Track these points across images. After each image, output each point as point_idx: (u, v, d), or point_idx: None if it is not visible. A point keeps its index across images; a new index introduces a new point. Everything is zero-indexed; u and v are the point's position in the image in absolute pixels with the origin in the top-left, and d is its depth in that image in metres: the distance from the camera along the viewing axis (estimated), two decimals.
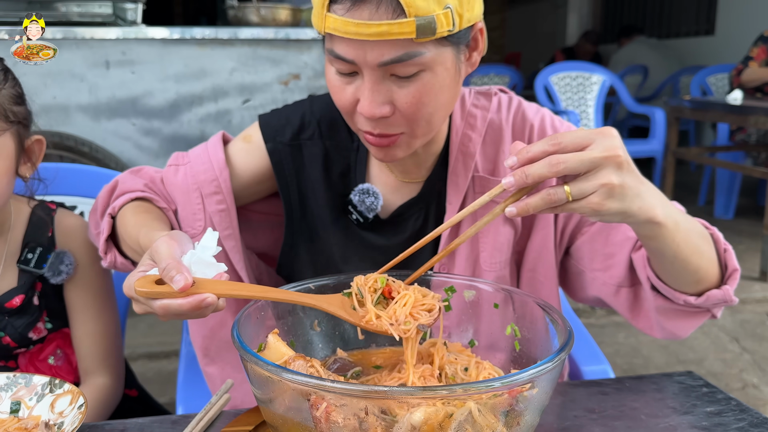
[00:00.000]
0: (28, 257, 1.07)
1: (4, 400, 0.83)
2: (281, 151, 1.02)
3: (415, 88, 0.83)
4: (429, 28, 0.78)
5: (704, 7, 6.59)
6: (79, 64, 2.42)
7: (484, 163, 1.01)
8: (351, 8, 0.78)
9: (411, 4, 0.76)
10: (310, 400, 0.62)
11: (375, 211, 1.00)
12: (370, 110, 0.83)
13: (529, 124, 1.03)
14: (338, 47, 0.82)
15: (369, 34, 0.77)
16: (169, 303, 0.67)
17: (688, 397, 0.92)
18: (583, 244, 1.02)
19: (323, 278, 0.83)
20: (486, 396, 0.61)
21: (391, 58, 0.80)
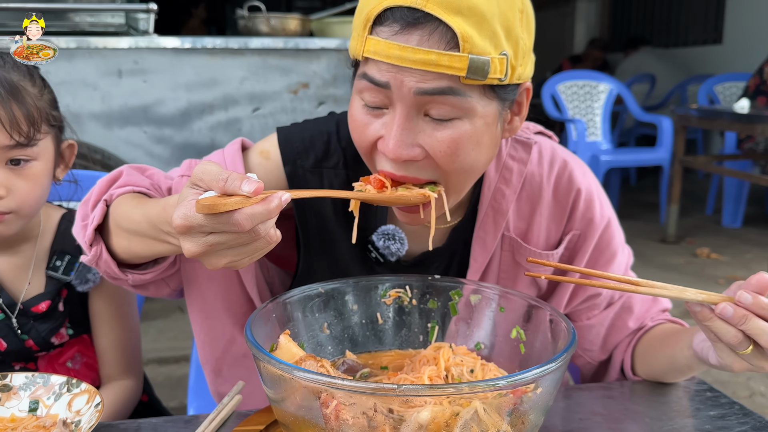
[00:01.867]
0: (57, 264, 1.10)
1: (23, 399, 0.86)
2: (301, 176, 0.94)
3: (449, 135, 0.75)
4: (481, 70, 0.71)
5: (712, 16, 6.60)
6: (92, 73, 2.46)
7: (516, 222, 0.94)
8: (399, 31, 0.71)
9: (467, 39, 0.70)
10: (320, 399, 0.63)
11: (398, 257, 0.94)
12: (396, 149, 0.75)
13: (576, 188, 0.95)
14: (373, 70, 0.74)
15: (414, 60, 0.70)
16: (253, 209, 0.60)
17: (693, 401, 0.93)
18: (590, 327, 1.03)
19: (334, 281, 0.86)
20: (491, 395, 0.62)
21: (431, 87, 0.72)
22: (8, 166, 0.99)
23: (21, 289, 1.09)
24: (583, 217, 0.96)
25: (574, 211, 0.96)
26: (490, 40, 0.71)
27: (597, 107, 4.80)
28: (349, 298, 0.87)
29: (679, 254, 3.89)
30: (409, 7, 0.70)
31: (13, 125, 0.96)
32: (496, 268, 0.96)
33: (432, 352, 0.83)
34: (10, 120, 0.96)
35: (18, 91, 0.98)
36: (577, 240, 0.97)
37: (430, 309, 0.88)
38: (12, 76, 0.99)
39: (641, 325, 1.02)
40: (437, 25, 0.70)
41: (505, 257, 0.95)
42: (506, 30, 0.73)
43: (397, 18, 0.71)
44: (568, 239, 0.96)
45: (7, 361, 1.10)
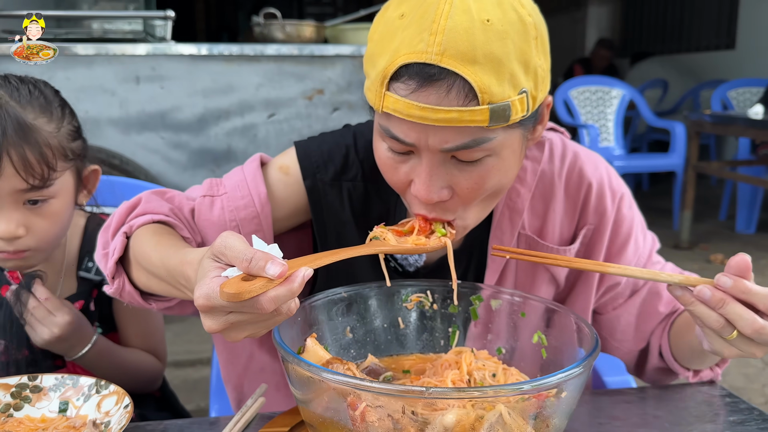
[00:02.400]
0: (89, 265, 1.14)
1: (53, 400, 0.88)
2: (321, 190, 0.94)
3: (477, 174, 0.76)
4: (503, 116, 0.71)
5: (725, 21, 6.57)
6: (110, 80, 2.50)
7: (531, 220, 0.95)
8: (416, 90, 0.70)
9: (485, 90, 0.69)
10: (347, 401, 0.65)
11: (416, 266, 0.96)
12: (428, 195, 0.75)
13: (587, 183, 0.96)
14: (396, 128, 0.74)
15: (435, 119, 0.70)
16: (277, 292, 0.59)
17: (711, 407, 0.94)
18: (618, 317, 1.03)
19: (357, 286, 0.87)
20: (515, 399, 0.64)
21: (456, 145, 0.72)
22: (26, 206, 0.99)
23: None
24: (595, 211, 0.96)
25: (586, 205, 0.96)
26: (509, 82, 0.70)
27: (609, 113, 4.79)
28: (371, 302, 0.88)
29: (693, 260, 3.88)
30: (423, 63, 0.69)
31: (27, 169, 0.95)
32: (513, 267, 0.96)
33: (453, 356, 0.84)
34: (23, 164, 0.94)
35: (31, 132, 0.95)
36: (592, 234, 0.97)
37: (451, 314, 0.89)
38: (26, 115, 0.96)
39: (673, 309, 1.01)
40: (454, 80, 0.69)
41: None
42: (524, 65, 0.72)
43: (412, 74, 0.70)
44: (583, 234, 0.97)
45: (39, 359, 1.13)
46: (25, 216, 0.98)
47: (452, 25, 0.68)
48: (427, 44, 0.69)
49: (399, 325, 0.90)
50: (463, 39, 0.68)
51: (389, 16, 0.75)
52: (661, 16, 7.74)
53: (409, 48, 0.70)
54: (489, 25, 0.69)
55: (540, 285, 0.97)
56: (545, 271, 0.97)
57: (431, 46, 0.68)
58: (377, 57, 0.74)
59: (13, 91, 0.97)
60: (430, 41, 0.68)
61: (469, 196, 0.78)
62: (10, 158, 0.93)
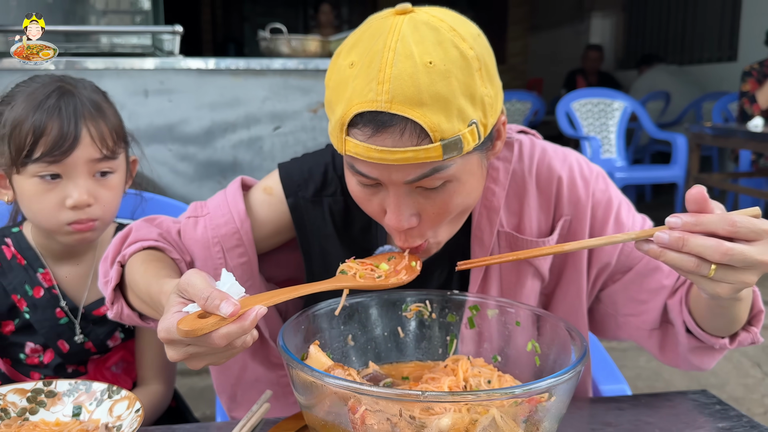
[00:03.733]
0: None
1: (67, 405, 0.91)
2: (303, 207, 1.00)
3: (441, 199, 0.82)
4: (455, 148, 0.76)
5: (726, 33, 6.61)
6: (119, 93, 2.55)
7: (508, 217, 0.99)
8: (373, 135, 0.75)
9: (435, 129, 0.74)
10: (348, 405, 0.68)
11: None
12: (398, 224, 0.82)
13: (557, 176, 0.99)
14: (361, 167, 0.80)
15: (394, 159, 0.75)
16: (228, 329, 0.65)
17: (701, 414, 0.97)
18: (616, 291, 1.03)
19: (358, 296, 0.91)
20: (508, 403, 0.67)
21: (416, 176, 0.78)
22: (95, 177, 1.08)
23: (82, 296, 1.19)
24: (569, 202, 0.99)
25: (559, 198, 1.00)
26: (457, 117, 0.75)
27: (611, 124, 4.83)
28: (372, 311, 0.92)
29: None
30: (375, 111, 0.74)
31: (102, 140, 1.06)
32: (496, 266, 1.00)
33: (451, 364, 0.87)
34: (100, 135, 1.06)
35: (102, 110, 1.08)
36: (570, 225, 1.00)
37: (449, 323, 0.93)
38: (96, 96, 1.10)
39: (678, 279, 1.00)
40: (405, 123, 0.73)
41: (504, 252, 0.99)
42: (470, 99, 0.76)
43: (366, 122, 0.75)
44: (561, 225, 1.00)
45: (64, 364, 1.19)
46: (93, 186, 1.08)
47: (397, 72, 0.73)
48: (376, 93, 0.73)
49: (399, 334, 0.93)
50: (408, 84, 0.73)
51: (341, 64, 0.80)
52: (664, 28, 7.79)
53: (361, 97, 0.74)
54: (432, 67, 0.73)
55: (525, 279, 1.00)
56: (528, 265, 1.00)
57: (380, 95, 0.73)
58: (334, 104, 0.79)
59: (77, 83, 1.10)
60: (378, 90, 0.73)
61: (436, 220, 0.84)
62: (88, 129, 1.05)
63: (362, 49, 0.77)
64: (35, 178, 1.05)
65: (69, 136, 1.03)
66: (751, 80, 4.38)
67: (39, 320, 1.15)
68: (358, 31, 0.81)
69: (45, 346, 1.17)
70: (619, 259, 1.01)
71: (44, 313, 1.15)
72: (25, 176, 1.06)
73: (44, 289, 1.16)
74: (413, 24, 0.76)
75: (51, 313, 1.16)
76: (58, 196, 1.06)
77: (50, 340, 1.16)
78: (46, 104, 1.04)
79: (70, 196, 1.05)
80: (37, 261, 1.16)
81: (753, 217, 0.71)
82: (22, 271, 1.15)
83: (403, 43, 0.74)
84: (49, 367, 1.18)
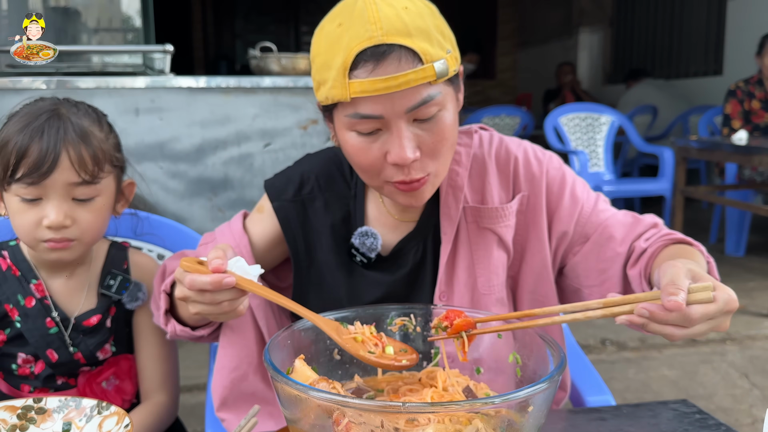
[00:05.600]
0: (110, 283, 1.22)
1: (57, 421, 0.92)
2: (286, 207, 1.11)
3: (437, 128, 0.93)
4: (444, 70, 0.90)
5: (712, 48, 6.71)
6: (110, 112, 2.54)
7: (472, 194, 1.10)
8: (375, 68, 0.87)
9: (426, 52, 0.88)
10: (332, 417, 0.70)
11: (376, 251, 1.08)
12: (405, 155, 0.91)
13: (513, 156, 1.11)
14: (363, 107, 0.90)
15: (397, 85, 0.87)
16: (196, 276, 0.83)
17: (681, 423, 0.99)
18: (577, 263, 1.11)
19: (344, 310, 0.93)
20: (486, 411, 0.69)
21: (416, 103, 0.89)
22: (74, 201, 1.11)
23: (74, 308, 1.21)
24: (525, 179, 1.11)
25: (516, 176, 1.11)
26: (437, 46, 0.90)
27: (599, 139, 4.89)
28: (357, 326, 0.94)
29: None
30: (374, 46, 0.87)
31: (81, 164, 1.08)
32: (465, 238, 1.09)
33: (425, 377, 0.89)
34: (78, 160, 1.08)
35: (87, 135, 1.10)
36: (528, 201, 1.10)
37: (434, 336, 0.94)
38: (83, 121, 1.11)
39: (631, 248, 1.06)
40: (401, 51, 0.88)
41: (471, 228, 1.09)
42: (441, 34, 0.92)
43: (368, 58, 0.87)
44: (519, 199, 1.10)
45: (54, 374, 1.20)
46: (72, 209, 1.10)
47: (384, 14, 0.88)
48: (371, 31, 0.87)
49: None
50: (396, 20, 0.88)
51: (328, 29, 0.93)
52: (650, 43, 7.90)
53: (358, 39, 0.88)
54: (408, 9, 0.90)
55: (491, 249, 1.09)
56: (493, 234, 1.09)
57: (375, 32, 0.87)
58: (330, 61, 0.90)
59: (71, 107, 1.13)
60: (372, 29, 0.87)
61: (434, 151, 0.95)
62: (68, 153, 1.07)
63: (345, 12, 0.91)
64: (17, 196, 1.09)
65: (48, 159, 1.06)
66: (734, 101, 4.46)
67: (29, 329, 1.17)
68: (334, 9, 0.95)
69: (36, 356, 1.19)
70: (575, 229, 1.10)
71: (34, 322, 1.17)
72: (11, 194, 1.10)
73: (36, 300, 1.18)
74: None
75: (41, 323, 1.18)
76: (36, 215, 1.09)
77: (40, 350, 1.18)
78: (32, 126, 1.07)
79: (47, 217, 1.08)
80: (30, 272, 1.19)
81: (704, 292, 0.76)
82: (16, 282, 1.18)
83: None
84: (39, 378, 1.19)
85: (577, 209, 1.09)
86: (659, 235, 1.06)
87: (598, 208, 1.11)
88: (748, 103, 4.44)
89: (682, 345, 3.06)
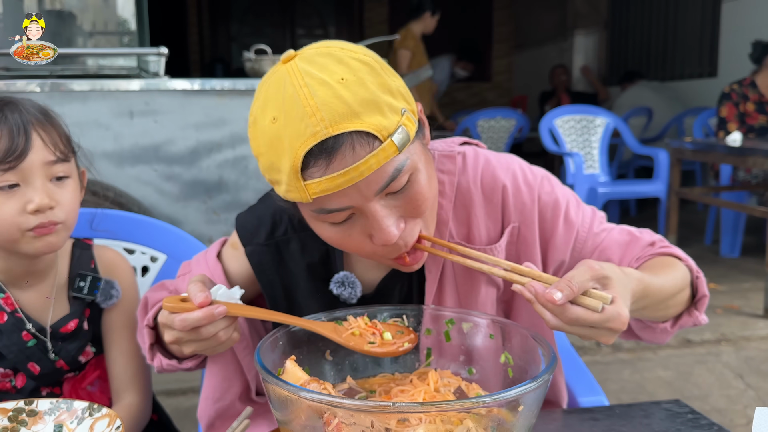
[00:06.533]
0: (81, 285, 1.19)
1: (48, 424, 0.92)
2: (259, 252, 1.03)
3: (413, 192, 0.85)
4: (405, 138, 0.80)
5: (706, 50, 6.74)
6: (105, 114, 2.57)
7: (457, 228, 1.02)
8: (329, 164, 0.77)
9: (381, 128, 0.78)
10: (323, 418, 0.70)
11: (356, 298, 1.02)
12: (390, 235, 0.83)
13: (501, 185, 1.02)
14: (329, 203, 0.81)
15: (359, 174, 0.78)
16: (187, 315, 0.83)
17: (674, 423, 0.99)
18: None
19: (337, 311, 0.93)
20: (476, 411, 0.69)
21: (385, 182, 0.80)
22: (52, 182, 1.09)
23: (46, 316, 1.18)
24: (515, 209, 1.03)
25: (505, 206, 1.03)
26: (390, 112, 0.80)
27: (594, 140, 4.90)
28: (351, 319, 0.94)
29: None
30: (320, 142, 0.77)
31: (53, 143, 1.07)
32: (451, 276, 1.02)
33: (416, 379, 0.89)
34: (51, 139, 1.07)
35: (50, 116, 1.10)
36: (519, 232, 1.03)
37: (426, 337, 0.95)
38: (41, 106, 1.10)
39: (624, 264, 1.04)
40: (352, 138, 0.77)
41: (458, 264, 1.01)
42: (390, 93, 0.81)
43: (317, 156, 0.77)
44: (509, 232, 1.03)
45: (38, 386, 1.18)
46: (52, 189, 1.09)
47: (320, 100, 0.77)
48: (312, 126, 0.76)
49: None
50: (336, 103, 0.77)
51: (262, 125, 0.82)
52: (645, 45, 7.92)
53: (301, 139, 0.77)
54: (345, 81, 0.79)
55: (479, 286, 1.03)
56: (480, 273, 1.01)
57: (317, 125, 0.76)
58: (277, 162, 0.81)
59: (20, 98, 1.11)
60: (313, 122, 0.76)
61: (418, 213, 0.87)
62: (38, 134, 1.06)
63: (275, 103, 0.80)
64: None
65: (20, 142, 1.04)
66: (729, 104, 4.46)
67: (6, 345, 1.14)
68: (260, 94, 0.84)
69: (15, 369, 1.16)
70: (572, 255, 1.05)
71: (10, 338, 1.14)
72: None
73: (7, 314, 1.14)
74: (307, 60, 0.81)
75: (17, 338, 1.14)
76: (18, 203, 1.05)
77: (20, 364, 1.15)
78: None
79: (32, 201, 1.05)
80: None
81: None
82: None
83: (309, 76, 0.79)
84: (23, 392, 1.16)
85: (573, 235, 1.05)
86: (651, 253, 1.05)
87: (593, 231, 1.06)
88: (743, 105, 4.46)
89: (677, 346, 3.07)
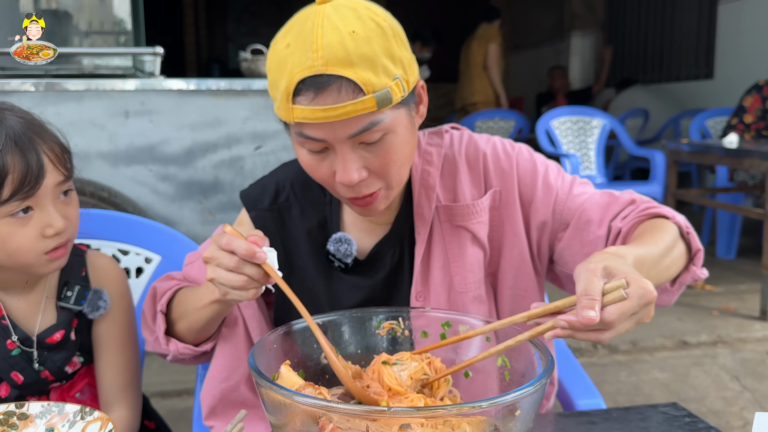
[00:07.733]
0: (68, 295, 1.14)
1: (39, 427, 0.91)
2: (263, 217, 1.12)
3: (383, 150, 0.93)
4: (386, 99, 0.89)
5: (703, 52, 6.75)
6: (100, 114, 2.56)
7: (444, 193, 1.10)
8: (315, 97, 0.87)
9: (367, 83, 0.87)
10: (318, 423, 0.69)
11: (352, 256, 1.08)
12: (349, 178, 0.92)
13: (482, 153, 1.12)
14: (308, 131, 0.91)
15: (336, 115, 0.87)
16: (234, 238, 0.86)
17: (671, 426, 0.98)
18: (563, 250, 1.11)
19: (331, 314, 0.92)
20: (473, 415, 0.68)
21: (358, 130, 0.89)
22: (60, 199, 1.05)
23: (34, 325, 1.14)
24: (496, 174, 1.11)
25: (486, 172, 1.12)
26: (383, 73, 0.88)
27: (591, 142, 4.90)
28: (345, 329, 0.93)
29: None
30: (314, 75, 0.86)
31: (60, 161, 1.04)
32: (439, 237, 1.10)
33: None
34: (57, 157, 1.03)
35: (47, 130, 1.04)
36: (501, 196, 1.11)
37: (422, 339, 0.94)
38: (29, 117, 1.03)
39: (609, 228, 1.06)
40: (341, 82, 0.86)
41: (445, 226, 1.10)
42: (391, 58, 0.90)
43: (308, 87, 0.87)
44: (491, 195, 1.11)
45: (23, 395, 1.14)
46: (63, 209, 1.06)
47: (327, 41, 0.86)
48: (312, 60, 0.86)
49: (372, 351, 0.94)
50: (338, 49, 0.86)
51: (278, 48, 0.92)
52: (642, 46, 7.94)
53: (300, 66, 0.87)
54: (355, 34, 0.87)
55: (466, 247, 1.09)
56: (466, 232, 1.09)
57: (316, 61, 0.86)
58: (278, 81, 0.91)
59: (10, 109, 1.04)
60: (314, 57, 0.86)
61: (382, 171, 0.95)
62: (47, 156, 1.02)
63: (295, 32, 0.90)
64: (6, 218, 1.01)
65: (34, 169, 0.99)
66: (757, 96, 4.30)
67: None
68: (290, 22, 0.94)
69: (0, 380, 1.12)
70: (554, 217, 1.10)
71: None
72: None
73: None
74: (334, 7, 0.90)
75: (2, 346, 1.11)
76: (35, 228, 1.02)
77: (2, 372, 1.11)
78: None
79: (50, 226, 1.02)
80: None
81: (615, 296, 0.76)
82: None
83: (328, 20, 0.88)
84: (7, 402, 1.10)
85: (552, 197, 1.09)
86: (636, 211, 1.06)
87: (573, 193, 1.10)
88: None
89: (673, 348, 3.06)
